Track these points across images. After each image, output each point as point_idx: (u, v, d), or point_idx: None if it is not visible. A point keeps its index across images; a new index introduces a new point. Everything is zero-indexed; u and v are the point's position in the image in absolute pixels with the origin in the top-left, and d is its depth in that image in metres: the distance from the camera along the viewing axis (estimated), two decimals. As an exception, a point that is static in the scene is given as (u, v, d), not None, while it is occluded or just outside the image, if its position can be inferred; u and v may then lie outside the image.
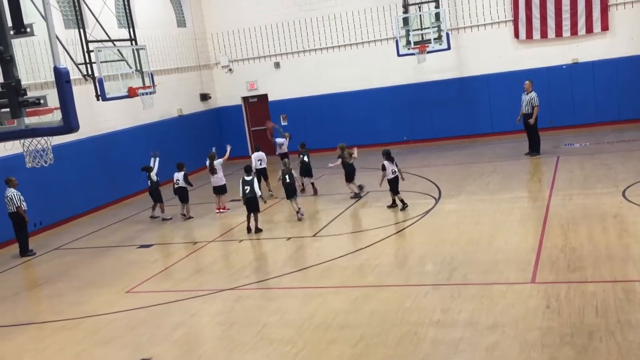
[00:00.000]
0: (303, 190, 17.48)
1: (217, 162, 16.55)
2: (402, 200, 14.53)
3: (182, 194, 16.52)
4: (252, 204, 14.00)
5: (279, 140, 19.13)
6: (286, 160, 16.70)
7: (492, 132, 22.28)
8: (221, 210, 16.48)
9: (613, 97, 21.01)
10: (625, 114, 20.97)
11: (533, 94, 18.29)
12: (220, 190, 16.53)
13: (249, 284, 11.02)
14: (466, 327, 8.22)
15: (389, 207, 14.66)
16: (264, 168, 17.52)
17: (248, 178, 14.08)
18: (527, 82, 18.52)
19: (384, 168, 14.49)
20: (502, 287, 9.29)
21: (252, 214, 14.09)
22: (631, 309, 8.08)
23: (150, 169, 16.73)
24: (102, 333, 9.65)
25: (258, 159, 17.53)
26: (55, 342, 9.56)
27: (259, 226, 14.17)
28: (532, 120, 18.25)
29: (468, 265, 10.41)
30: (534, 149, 18.55)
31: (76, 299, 11.31)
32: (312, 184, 17.48)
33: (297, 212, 14.76)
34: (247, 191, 13.92)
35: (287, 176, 15.01)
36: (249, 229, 14.13)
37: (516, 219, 12.71)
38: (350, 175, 16.30)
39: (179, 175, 16.59)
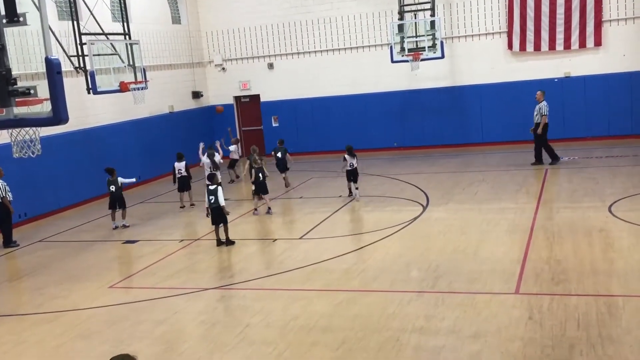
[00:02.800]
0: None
1: (217, 159, 16.49)
2: (350, 189, 16.44)
3: (186, 183, 16.94)
4: (217, 215, 13.10)
5: (231, 147, 19.71)
6: (256, 157, 15.80)
7: (483, 141, 22.37)
8: None
9: (603, 113, 21.15)
10: (614, 129, 21.12)
11: (543, 104, 18.31)
12: None
13: (234, 284, 10.97)
14: (449, 335, 8.22)
15: (348, 196, 16.42)
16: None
17: (212, 187, 13.16)
18: (538, 92, 18.58)
19: (344, 159, 16.25)
20: (486, 297, 9.31)
21: (219, 226, 13.20)
22: (613, 323, 8.11)
23: (114, 172, 15.51)
24: (82, 327, 9.58)
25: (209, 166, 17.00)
26: (34, 334, 9.48)
27: (230, 238, 13.22)
28: (539, 130, 18.26)
29: (453, 273, 10.43)
30: (550, 157, 18.49)
31: (57, 293, 11.22)
32: (285, 178, 18.38)
33: (256, 209, 15.62)
34: (212, 201, 13.01)
35: (260, 174, 15.32)
36: (219, 242, 13.18)
37: (503, 229, 12.75)
38: (263, 188, 15.48)
39: (180, 165, 16.91)
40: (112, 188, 15.44)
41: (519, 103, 21.70)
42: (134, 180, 16.20)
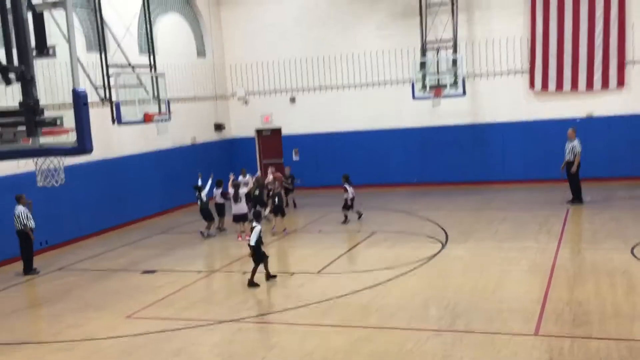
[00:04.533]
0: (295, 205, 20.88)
1: (242, 192, 16.62)
2: (345, 216, 17.81)
3: (220, 210, 17.86)
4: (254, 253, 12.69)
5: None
6: (276, 183, 18.04)
7: (504, 179, 22.24)
8: (242, 239, 16.42)
9: (626, 153, 20.96)
10: (637, 170, 20.88)
11: (576, 142, 18.18)
12: (241, 219, 16.56)
13: (250, 317, 10.93)
14: (466, 375, 8.10)
15: (343, 223, 17.72)
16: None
17: (253, 225, 12.80)
18: (570, 129, 18.48)
19: (346, 190, 17.70)
20: (505, 337, 9.17)
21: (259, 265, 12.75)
22: (635, 368, 7.95)
23: (200, 188, 17.36)
24: (98, 357, 9.58)
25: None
26: (51, 363, 9.50)
27: (271, 274, 12.86)
28: (573, 169, 18.14)
29: (472, 312, 10.30)
30: (575, 197, 18.37)
31: (75, 321, 11.26)
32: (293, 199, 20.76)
33: (284, 230, 16.92)
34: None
35: (276, 198, 16.97)
36: (267, 276, 12.84)
37: (523, 269, 12.61)
38: (280, 210, 17.17)
39: (217, 192, 17.80)
40: (199, 202, 17.29)
41: (541, 142, 21.63)
42: (209, 182, 17.69)
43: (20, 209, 14.45)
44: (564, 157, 18.46)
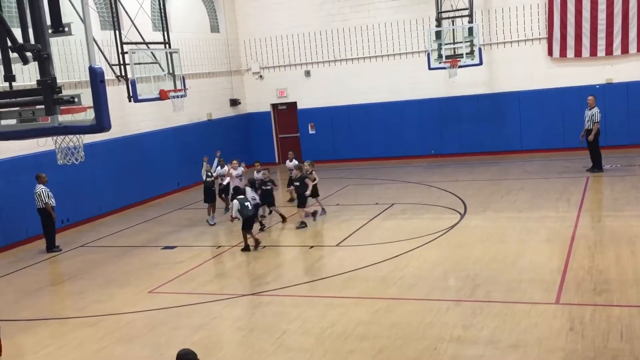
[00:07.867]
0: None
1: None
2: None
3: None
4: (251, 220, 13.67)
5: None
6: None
7: (522, 149, 22.07)
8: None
9: (646, 120, 20.70)
10: (658, 136, 20.65)
11: (595, 110, 17.90)
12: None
13: (271, 290, 11.02)
14: (487, 344, 8.12)
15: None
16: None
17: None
18: (590, 97, 18.21)
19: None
20: (526, 307, 9.17)
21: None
22: (657, 335, 7.92)
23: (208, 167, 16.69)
24: (122, 332, 9.72)
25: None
26: (75, 338, 9.66)
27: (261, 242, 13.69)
28: (590, 137, 17.92)
29: (491, 282, 10.30)
30: (595, 165, 18.23)
31: (98, 297, 11.42)
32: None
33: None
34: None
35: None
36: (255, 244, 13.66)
37: (542, 238, 12.56)
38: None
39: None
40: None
41: (559, 110, 21.41)
42: (215, 161, 16.98)
43: (41, 188, 14.60)
44: (583, 125, 18.25)
